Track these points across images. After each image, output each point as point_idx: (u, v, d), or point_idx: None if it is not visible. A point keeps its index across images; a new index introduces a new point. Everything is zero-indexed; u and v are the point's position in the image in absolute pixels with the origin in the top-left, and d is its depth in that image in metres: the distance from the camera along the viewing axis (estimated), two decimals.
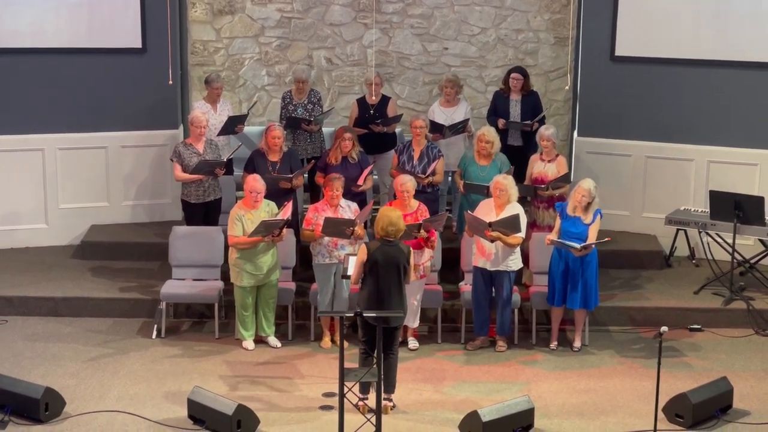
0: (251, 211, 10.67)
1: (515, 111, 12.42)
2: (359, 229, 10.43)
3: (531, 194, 11.52)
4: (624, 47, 12.79)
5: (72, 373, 10.20)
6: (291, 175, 11.35)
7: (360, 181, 11.39)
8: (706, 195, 12.22)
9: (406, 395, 9.84)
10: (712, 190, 12.00)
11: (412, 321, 10.87)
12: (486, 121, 12.55)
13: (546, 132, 11.53)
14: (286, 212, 10.72)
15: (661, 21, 12.63)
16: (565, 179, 11.49)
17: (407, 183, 10.68)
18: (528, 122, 12.26)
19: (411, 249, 9.52)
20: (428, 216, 10.71)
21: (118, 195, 13.14)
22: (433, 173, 11.51)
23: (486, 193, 10.96)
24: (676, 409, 9.37)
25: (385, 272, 9.28)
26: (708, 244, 12.07)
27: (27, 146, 12.73)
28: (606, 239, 10.82)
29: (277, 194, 11.15)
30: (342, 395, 8.49)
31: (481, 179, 11.30)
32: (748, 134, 12.55)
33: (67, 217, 12.97)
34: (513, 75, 12.46)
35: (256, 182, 10.69)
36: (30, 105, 12.67)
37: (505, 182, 10.58)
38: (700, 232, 12.11)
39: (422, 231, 10.49)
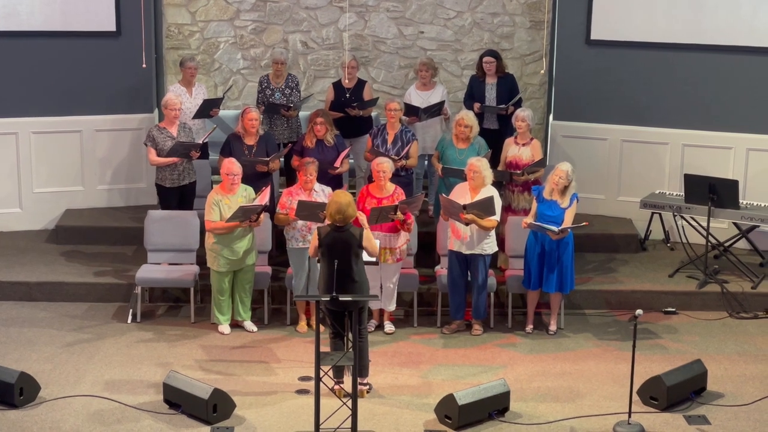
0: (228, 196, 10.64)
1: (491, 94, 12.42)
2: None
3: (506, 179, 11.53)
4: (599, 31, 12.81)
5: (47, 358, 10.17)
6: (267, 159, 11.33)
7: (337, 164, 11.38)
8: (680, 178, 12.27)
9: (382, 379, 9.85)
10: (686, 173, 12.05)
11: (389, 304, 10.88)
12: (464, 106, 12.54)
13: (521, 113, 11.54)
14: (264, 197, 10.70)
15: (636, 5, 12.64)
16: (540, 164, 11.51)
17: (384, 164, 10.67)
18: (503, 106, 12.26)
19: (363, 230, 9.45)
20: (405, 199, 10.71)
21: (92, 179, 13.08)
22: (407, 156, 11.50)
23: (464, 177, 10.96)
24: (651, 391, 9.41)
25: (335, 257, 9.22)
26: (683, 227, 12.12)
27: (0, 130, 12.65)
28: (583, 223, 10.85)
29: (253, 178, 11.13)
30: (318, 379, 8.49)
31: (459, 163, 11.29)
32: (723, 118, 12.60)
33: (41, 202, 12.91)
34: (485, 58, 12.45)
35: (232, 165, 10.66)
36: (3, 88, 12.60)
37: (479, 164, 10.58)
38: (674, 216, 12.15)
39: (398, 213, 10.48)
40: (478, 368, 10.17)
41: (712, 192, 11.58)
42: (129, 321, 11.03)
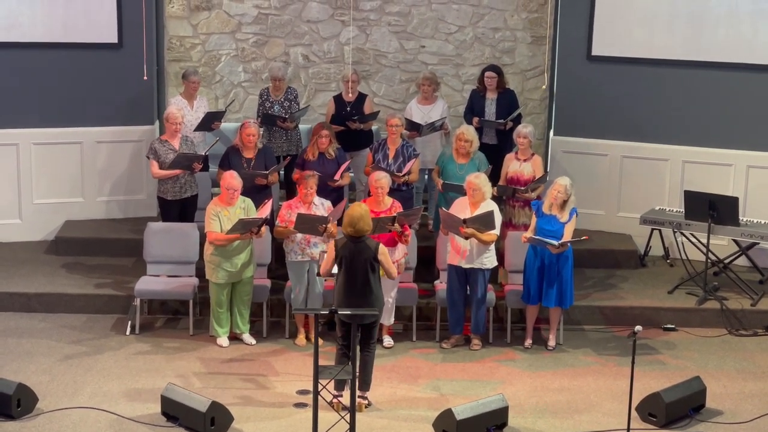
0: (227, 208, 10.65)
1: (491, 109, 12.43)
2: (332, 227, 10.42)
3: (509, 194, 11.52)
4: (600, 47, 12.82)
5: (45, 369, 10.16)
6: (267, 172, 11.33)
7: (337, 176, 11.38)
8: (680, 195, 12.27)
9: (380, 393, 9.84)
10: (686, 190, 12.06)
11: (387, 319, 10.87)
12: (464, 120, 12.56)
13: (524, 130, 11.54)
14: (265, 210, 10.70)
15: (637, 21, 12.66)
16: (541, 180, 11.51)
17: (382, 180, 10.67)
18: (502, 121, 12.28)
19: (380, 244, 9.48)
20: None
21: (92, 191, 13.08)
22: (409, 172, 11.50)
23: (464, 192, 10.95)
24: (650, 408, 9.40)
25: (351, 269, 9.27)
26: (682, 243, 12.11)
27: (1, 141, 12.65)
28: (583, 237, 10.85)
29: (252, 191, 11.14)
30: (316, 393, 8.47)
31: (459, 177, 11.30)
32: (723, 135, 12.60)
33: (41, 213, 12.90)
34: (487, 73, 12.47)
35: (233, 179, 10.66)
36: (4, 99, 12.59)
37: (477, 181, 10.59)
38: (674, 232, 12.15)
39: (396, 225, 10.47)
40: (477, 383, 10.16)
41: (712, 209, 11.58)
42: (128, 333, 11.02)
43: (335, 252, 9.38)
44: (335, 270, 9.49)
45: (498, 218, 10.60)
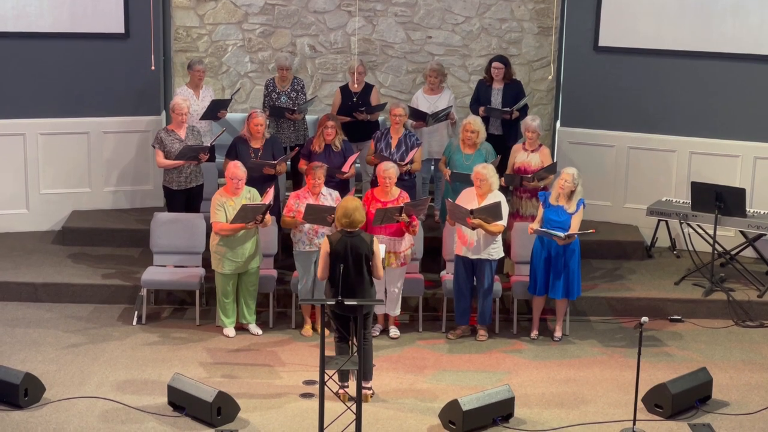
0: (233, 198, 10.65)
1: (497, 100, 12.42)
2: None
3: (516, 183, 11.51)
4: (607, 38, 12.80)
5: (52, 359, 10.18)
6: (275, 162, 11.34)
7: (345, 168, 11.37)
8: (687, 186, 12.26)
9: (386, 383, 9.85)
10: (693, 181, 12.05)
11: (394, 309, 10.87)
12: (470, 110, 12.55)
13: (532, 123, 11.51)
14: (268, 197, 10.71)
15: (644, 12, 12.64)
16: (550, 170, 11.49)
17: (390, 170, 10.67)
18: (507, 109, 12.26)
19: (374, 237, 9.47)
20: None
21: (99, 181, 13.09)
22: (412, 162, 11.49)
23: (472, 181, 10.94)
24: (656, 399, 9.40)
25: (347, 263, 9.24)
26: (689, 235, 12.11)
27: (8, 131, 12.67)
28: (590, 230, 10.84)
29: (259, 181, 11.14)
30: (322, 383, 8.49)
31: (465, 168, 11.29)
32: (730, 126, 12.59)
33: (48, 203, 12.92)
34: (494, 64, 12.46)
35: (237, 169, 10.67)
36: (11, 89, 12.61)
37: (485, 172, 10.58)
38: (681, 223, 12.15)
39: (403, 215, 10.47)
40: (483, 374, 10.17)
41: (719, 200, 11.57)
42: (134, 323, 11.04)
43: (330, 248, 9.34)
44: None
45: (505, 209, 10.60)
